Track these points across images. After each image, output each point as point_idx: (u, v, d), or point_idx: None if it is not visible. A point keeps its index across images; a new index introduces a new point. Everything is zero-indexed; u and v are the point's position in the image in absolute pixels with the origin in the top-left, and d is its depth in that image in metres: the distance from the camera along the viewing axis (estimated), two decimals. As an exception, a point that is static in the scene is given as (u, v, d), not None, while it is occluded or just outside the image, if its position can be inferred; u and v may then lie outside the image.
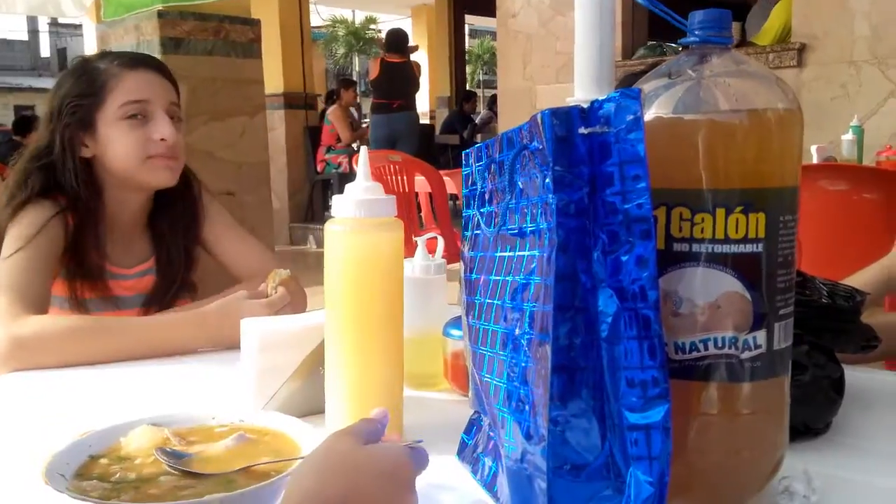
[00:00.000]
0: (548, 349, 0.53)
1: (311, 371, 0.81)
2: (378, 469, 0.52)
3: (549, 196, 0.54)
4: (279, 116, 7.70)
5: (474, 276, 0.69)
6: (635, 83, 0.61)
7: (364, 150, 0.79)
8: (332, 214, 0.76)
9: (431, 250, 0.98)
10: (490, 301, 0.65)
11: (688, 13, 0.63)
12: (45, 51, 35.28)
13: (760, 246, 0.57)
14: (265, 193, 4.17)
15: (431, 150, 8.98)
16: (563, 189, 0.54)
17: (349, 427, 0.56)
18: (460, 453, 0.71)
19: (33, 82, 30.53)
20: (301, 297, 1.29)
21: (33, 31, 33.85)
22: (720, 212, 0.57)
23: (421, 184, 4.07)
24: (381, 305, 0.76)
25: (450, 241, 3.15)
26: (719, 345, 0.57)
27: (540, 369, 0.54)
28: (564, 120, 0.54)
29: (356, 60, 26.46)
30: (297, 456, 0.64)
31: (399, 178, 4.02)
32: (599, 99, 0.54)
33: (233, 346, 0.98)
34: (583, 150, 0.54)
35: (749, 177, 0.57)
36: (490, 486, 0.64)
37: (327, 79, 19.95)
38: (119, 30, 3.91)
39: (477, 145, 0.70)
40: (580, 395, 0.53)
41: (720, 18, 0.61)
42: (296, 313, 1.15)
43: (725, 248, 0.57)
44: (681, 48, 0.66)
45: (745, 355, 0.57)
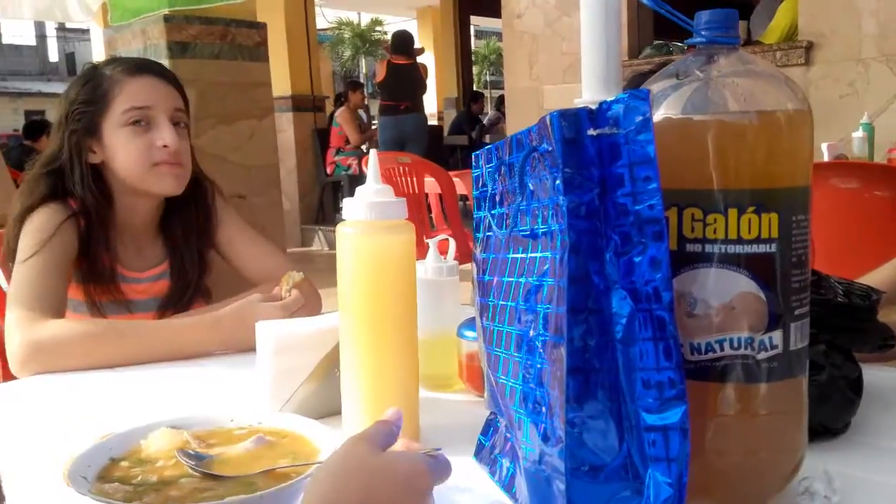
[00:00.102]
0: (562, 351, 0.53)
1: (327, 373, 0.81)
2: (394, 476, 0.52)
3: (560, 198, 0.54)
4: (287, 119, 7.72)
5: (487, 277, 0.69)
6: (643, 83, 0.61)
7: (374, 152, 0.79)
8: (343, 217, 0.77)
9: (443, 252, 0.98)
10: (504, 303, 0.65)
11: (692, 12, 0.63)
12: (54, 55, 35.45)
13: (774, 246, 0.57)
14: (275, 196, 4.18)
15: (440, 151, 8.98)
16: (574, 191, 0.54)
17: (365, 432, 0.56)
18: (477, 454, 0.72)
19: (42, 87, 30.70)
20: (315, 299, 1.30)
21: (41, 36, 34.02)
22: (732, 212, 0.57)
23: (431, 185, 4.07)
24: (395, 308, 0.76)
25: (461, 242, 3.14)
26: (735, 345, 0.57)
27: (555, 371, 0.55)
28: (573, 121, 0.54)
29: (363, 62, 26.47)
30: (315, 457, 0.64)
31: (409, 179, 4.02)
32: (608, 100, 0.55)
33: (248, 348, 0.99)
34: (592, 151, 0.54)
35: (760, 177, 0.57)
36: (508, 487, 0.64)
37: (334, 81, 19.96)
38: (126, 34, 3.93)
39: (486, 147, 0.71)
40: (596, 396, 0.53)
41: (727, 18, 0.61)
42: (310, 315, 1.16)
43: (739, 249, 0.57)
44: (687, 47, 0.66)
45: (762, 356, 0.57)
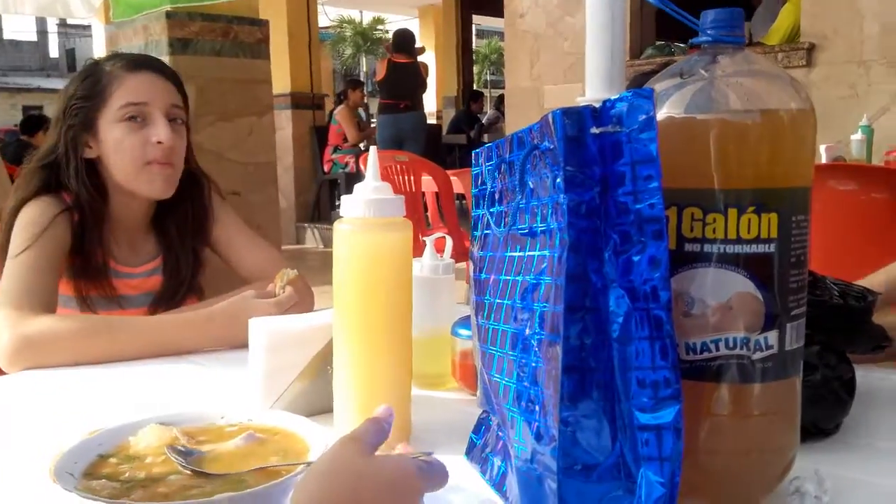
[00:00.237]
0: (558, 349, 0.53)
1: (319, 370, 0.80)
2: (381, 478, 0.51)
3: (560, 196, 0.54)
4: (286, 116, 7.72)
5: (484, 275, 0.69)
6: (646, 83, 0.60)
7: (373, 150, 0.79)
8: (340, 214, 0.76)
9: (440, 250, 0.98)
10: (500, 301, 0.64)
11: (694, 12, 0.62)
12: (54, 51, 35.46)
13: (773, 246, 0.56)
14: (272, 193, 4.17)
15: (438, 149, 8.99)
16: (575, 189, 0.54)
17: (355, 432, 0.56)
18: (469, 453, 0.71)
19: (42, 83, 30.70)
20: (308, 297, 1.29)
21: (42, 32, 34.02)
22: (732, 212, 0.56)
23: (428, 183, 4.07)
24: (390, 305, 0.75)
25: (457, 240, 3.14)
26: (731, 345, 0.56)
27: (550, 370, 0.54)
28: (576, 119, 0.54)
29: (363, 61, 26.49)
30: (306, 455, 0.63)
31: (406, 177, 4.01)
32: (611, 98, 0.54)
33: (240, 345, 0.98)
34: (594, 149, 0.54)
35: (761, 177, 0.57)
36: (499, 485, 0.64)
37: (335, 79, 19.97)
38: (128, 30, 3.92)
39: (487, 145, 0.70)
40: (591, 395, 0.52)
41: (732, 17, 0.61)
42: (303, 313, 1.15)
43: (737, 249, 0.56)
44: (689, 48, 0.65)
45: (757, 356, 0.57)
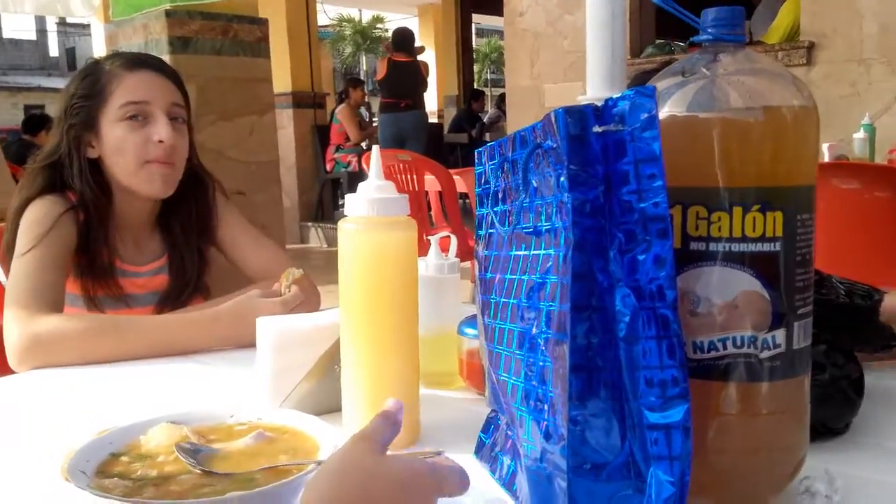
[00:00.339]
0: (565, 349, 0.53)
1: (327, 369, 0.81)
2: (392, 479, 0.51)
3: (565, 195, 0.54)
4: (288, 115, 7.71)
5: (489, 274, 0.69)
6: (647, 81, 0.61)
7: (376, 148, 0.79)
8: (345, 213, 0.76)
9: (445, 249, 0.98)
10: (506, 300, 0.64)
11: (694, 11, 0.62)
12: (54, 50, 35.42)
13: (778, 245, 0.57)
14: (275, 192, 4.18)
15: (440, 148, 8.98)
16: (578, 188, 0.54)
17: (365, 430, 0.55)
18: (478, 452, 0.71)
19: (42, 81, 30.68)
20: (314, 296, 1.30)
21: (41, 31, 33.98)
22: (737, 210, 0.56)
23: (430, 183, 4.07)
24: (396, 304, 0.76)
25: (460, 240, 3.14)
26: (738, 344, 0.57)
27: (558, 368, 0.54)
28: (578, 118, 0.54)
29: (363, 59, 26.47)
30: (315, 454, 0.64)
31: (408, 177, 4.01)
32: (613, 97, 0.54)
33: (247, 344, 0.98)
34: (597, 148, 0.54)
35: (765, 175, 0.57)
36: (509, 484, 0.64)
37: (335, 78, 19.96)
38: (127, 29, 3.93)
39: (490, 144, 0.70)
40: (599, 394, 0.53)
41: (733, 16, 0.61)
42: (309, 312, 1.16)
43: (743, 247, 0.56)
44: (689, 46, 0.66)
45: (765, 355, 0.57)
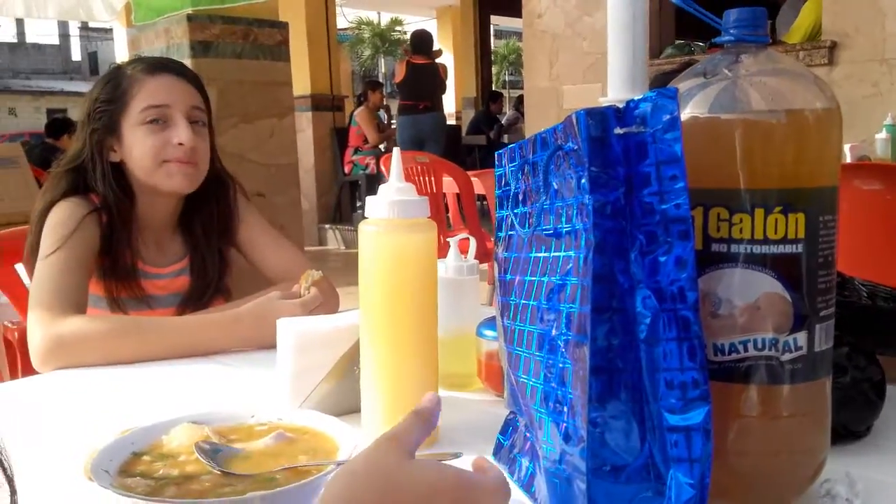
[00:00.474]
0: (586, 350, 0.53)
1: (347, 371, 0.81)
2: (411, 487, 0.48)
3: (586, 197, 0.54)
4: (307, 118, 7.76)
5: (509, 276, 0.69)
6: (667, 83, 0.60)
7: (397, 150, 0.79)
8: (365, 215, 0.77)
9: (464, 251, 0.98)
10: (525, 302, 0.65)
11: (716, 11, 0.62)
12: (76, 55, 35.83)
13: (800, 246, 0.56)
14: (294, 194, 4.20)
15: (458, 150, 8.98)
16: (600, 189, 0.54)
17: (395, 430, 0.53)
18: (496, 454, 0.71)
19: (65, 86, 31.06)
20: (333, 298, 1.30)
21: (64, 36, 34.40)
22: (759, 212, 0.56)
23: (448, 185, 4.07)
24: (416, 306, 0.76)
25: (478, 241, 3.14)
26: (759, 346, 0.56)
27: (578, 370, 0.54)
28: (600, 120, 0.54)
29: (382, 62, 26.54)
30: (335, 454, 0.64)
31: (427, 178, 4.02)
32: (635, 99, 0.54)
33: (267, 345, 0.99)
34: (618, 150, 0.54)
35: (788, 177, 0.57)
36: (527, 486, 0.64)
37: (354, 81, 20.03)
38: (149, 33, 3.97)
39: (510, 146, 0.70)
40: (619, 396, 0.52)
41: (755, 17, 0.60)
42: (328, 313, 1.16)
43: (764, 249, 0.56)
44: (709, 47, 0.65)
45: (786, 357, 0.56)
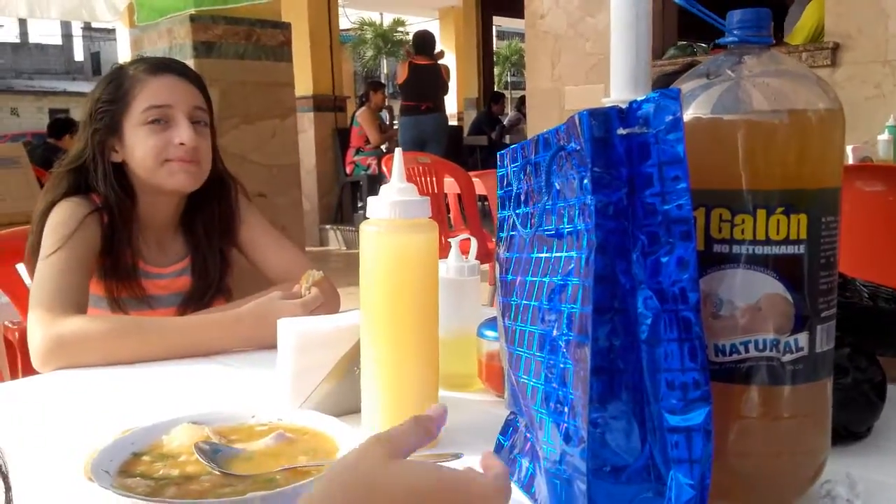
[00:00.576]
0: (587, 351, 0.53)
1: (347, 371, 0.81)
2: (398, 490, 0.46)
3: (588, 197, 0.54)
4: (308, 119, 7.76)
5: (510, 277, 0.69)
6: (670, 83, 0.60)
7: (398, 151, 0.79)
8: (366, 215, 0.77)
9: (465, 251, 0.98)
10: (527, 302, 0.64)
11: (720, 12, 0.62)
12: (79, 55, 35.91)
13: (802, 247, 0.56)
14: (296, 195, 4.20)
15: (460, 151, 8.98)
16: (602, 190, 0.54)
17: (388, 431, 0.51)
18: (496, 454, 0.71)
19: (67, 86, 31.12)
20: (334, 298, 1.30)
21: (67, 36, 34.48)
22: (761, 213, 0.56)
23: (450, 185, 4.08)
24: (417, 306, 0.76)
25: (480, 242, 3.14)
26: (760, 347, 0.56)
27: (579, 371, 0.54)
28: (603, 120, 0.54)
29: (384, 63, 26.56)
30: (335, 455, 0.64)
31: (428, 179, 4.02)
32: (638, 99, 0.54)
33: (268, 346, 0.99)
34: (621, 150, 0.54)
35: (790, 177, 0.56)
36: (527, 487, 0.64)
37: (356, 81, 20.04)
38: (152, 34, 3.97)
39: (512, 146, 0.70)
40: (620, 397, 0.52)
41: (759, 18, 0.60)
42: (329, 314, 1.16)
43: (766, 250, 0.56)
44: (712, 48, 0.65)
45: (787, 358, 0.56)
